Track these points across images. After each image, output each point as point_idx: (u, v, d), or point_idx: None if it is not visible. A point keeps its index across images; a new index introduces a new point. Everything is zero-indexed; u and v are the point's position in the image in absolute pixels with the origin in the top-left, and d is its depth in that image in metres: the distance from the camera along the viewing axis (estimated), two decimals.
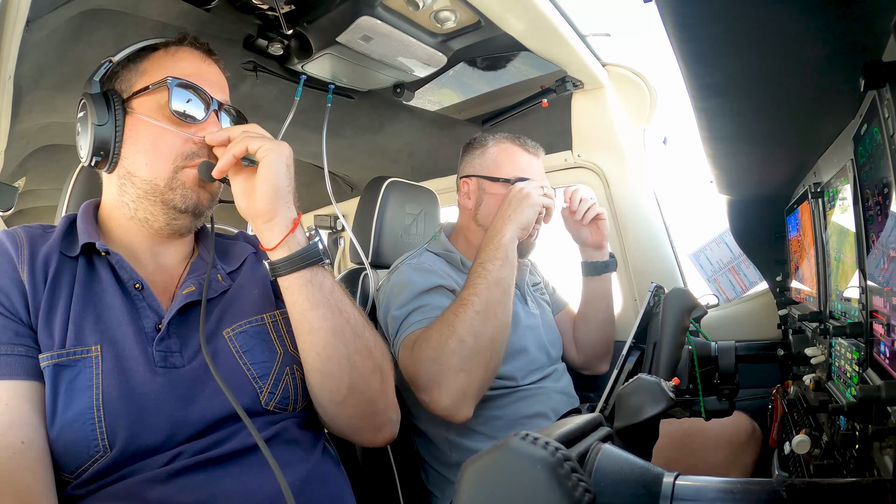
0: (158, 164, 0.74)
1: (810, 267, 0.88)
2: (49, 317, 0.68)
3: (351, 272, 1.45)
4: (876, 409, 0.50)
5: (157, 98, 0.75)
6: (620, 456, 0.36)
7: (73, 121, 0.80)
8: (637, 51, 1.47)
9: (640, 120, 1.57)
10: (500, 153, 1.32)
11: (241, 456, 0.69)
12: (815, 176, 0.86)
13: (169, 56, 0.78)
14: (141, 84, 0.76)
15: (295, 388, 0.77)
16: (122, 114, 0.74)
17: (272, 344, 0.78)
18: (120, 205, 0.77)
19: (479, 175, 1.33)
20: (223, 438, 0.69)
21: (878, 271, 0.54)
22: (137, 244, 0.78)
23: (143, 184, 0.74)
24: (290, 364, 0.78)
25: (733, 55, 0.51)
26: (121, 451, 0.64)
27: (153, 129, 0.74)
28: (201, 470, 0.66)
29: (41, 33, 0.95)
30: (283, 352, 0.78)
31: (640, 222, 1.56)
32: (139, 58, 0.78)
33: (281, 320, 0.81)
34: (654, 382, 0.66)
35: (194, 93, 0.76)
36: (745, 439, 1.28)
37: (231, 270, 0.84)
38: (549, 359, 1.34)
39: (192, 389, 0.69)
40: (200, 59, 0.80)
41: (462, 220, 1.37)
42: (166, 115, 0.74)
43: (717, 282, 1.60)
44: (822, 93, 0.60)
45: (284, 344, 0.79)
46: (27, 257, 0.70)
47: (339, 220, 2.24)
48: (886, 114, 0.47)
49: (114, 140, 0.74)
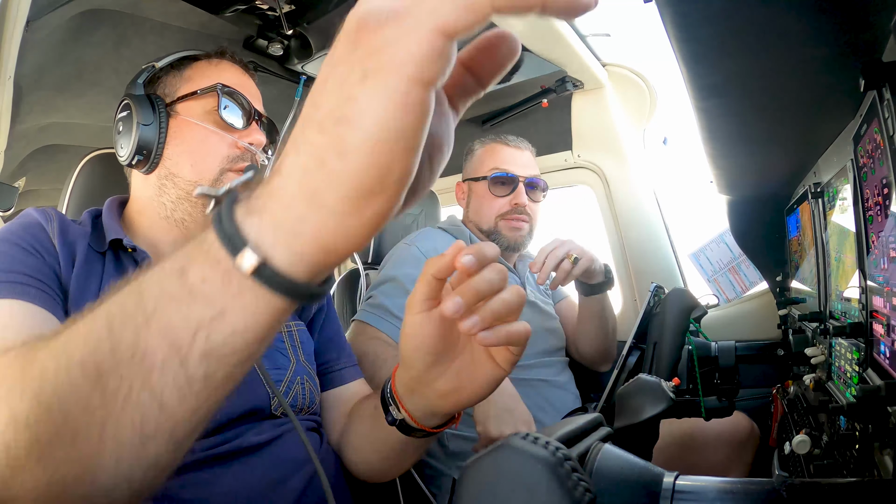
0: (204, 166, 0.76)
1: (810, 267, 0.88)
2: (78, 306, 0.67)
3: (350, 272, 1.45)
4: (876, 409, 0.50)
5: (205, 103, 0.78)
6: (620, 456, 0.36)
7: (73, 121, 0.81)
8: (637, 51, 1.48)
9: (640, 120, 1.57)
10: (484, 153, 1.39)
11: (245, 455, 0.69)
12: (815, 176, 0.86)
13: (213, 66, 0.82)
14: (186, 89, 0.79)
15: (304, 396, 0.78)
16: (167, 116, 0.77)
17: (286, 353, 0.80)
18: (157, 205, 0.78)
19: (468, 178, 1.42)
20: (230, 438, 0.70)
21: (878, 271, 0.54)
22: (165, 243, 0.79)
23: (187, 184, 0.76)
24: (301, 374, 0.79)
25: (733, 55, 0.51)
26: None
27: (200, 132, 0.77)
28: (206, 468, 0.66)
29: (41, 33, 0.95)
30: (296, 362, 0.80)
31: (640, 222, 1.56)
32: (182, 65, 0.81)
33: (296, 332, 0.83)
34: (655, 382, 0.66)
35: (239, 101, 0.79)
36: (744, 439, 1.28)
37: None
38: (547, 345, 1.34)
39: None
40: (240, 71, 0.84)
41: (462, 221, 1.45)
42: (214, 119, 0.77)
43: (717, 282, 1.59)
44: (822, 93, 0.60)
45: (297, 354, 0.81)
46: (58, 232, 0.70)
47: None
48: (886, 114, 0.47)
49: (157, 140, 0.76)
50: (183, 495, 0.63)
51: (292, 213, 0.29)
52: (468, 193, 1.42)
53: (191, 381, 0.33)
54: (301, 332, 0.84)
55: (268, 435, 0.72)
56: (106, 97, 1.24)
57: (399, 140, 0.27)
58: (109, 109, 0.81)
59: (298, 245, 0.30)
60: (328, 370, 0.87)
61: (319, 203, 0.29)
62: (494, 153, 1.37)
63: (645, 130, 1.61)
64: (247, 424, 0.71)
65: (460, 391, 0.54)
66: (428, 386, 0.55)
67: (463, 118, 1.68)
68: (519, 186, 1.33)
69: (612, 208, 1.58)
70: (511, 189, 1.33)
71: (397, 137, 0.27)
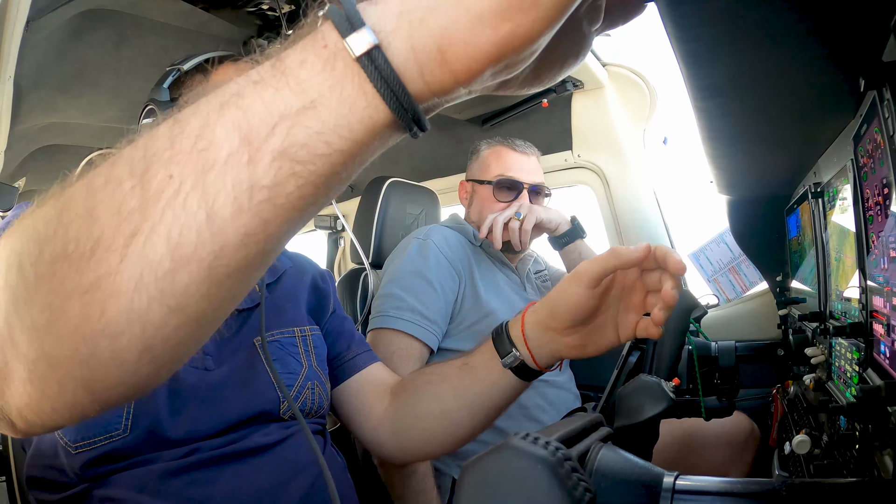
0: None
1: (810, 267, 0.88)
2: None
3: (351, 272, 1.45)
4: (876, 409, 0.50)
5: None
6: (621, 456, 0.36)
7: (73, 121, 0.80)
8: (637, 51, 1.48)
9: (640, 120, 1.57)
10: (490, 155, 1.38)
11: (251, 456, 0.69)
12: (815, 176, 0.86)
13: (239, 68, 0.80)
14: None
15: (313, 401, 0.78)
16: None
17: (299, 358, 0.80)
18: None
19: (472, 179, 1.42)
20: (236, 439, 0.70)
21: (878, 271, 0.54)
22: None
23: None
24: (312, 379, 0.79)
25: (733, 55, 0.51)
26: (140, 436, 0.64)
27: None
28: (214, 467, 0.66)
29: (41, 33, 0.95)
30: (308, 366, 0.80)
31: (640, 222, 1.56)
32: (208, 68, 0.80)
33: (310, 336, 0.83)
34: (655, 383, 0.66)
35: None
36: (745, 439, 1.28)
37: (269, 283, 0.85)
38: None
39: (219, 393, 0.71)
40: None
41: (464, 219, 1.44)
42: None
43: (717, 282, 1.59)
44: (822, 93, 0.60)
45: (310, 359, 0.81)
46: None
47: (339, 220, 2.24)
48: (886, 114, 0.47)
49: None
50: (188, 494, 0.64)
51: (424, 1, 0.27)
52: (471, 194, 1.42)
53: (253, 189, 0.27)
54: (315, 336, 0.83)
55: (275, 437, 0.72)
56: (106, 97, 1.25)
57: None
58: (109, 109, 0.81)
59: (419, 37, 0.26)
60: (341, 362, 0.87)
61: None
62: (501, 158, 1.36)
63: (645, 130, 1.61)
64: (255, 426, 0.71)
65: (584, 347, 0.65)
66: (560, 335, 0.65)
67: (463, 118, 1.67)
68: (523, 193, 1.33)
69: (612, 208, 1.58)
70: (515, 195, 1.33)
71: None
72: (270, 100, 0.27)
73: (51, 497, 0.65)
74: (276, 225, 0.29)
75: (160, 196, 0.27)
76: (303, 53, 0.28)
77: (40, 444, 0.65)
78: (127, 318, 0.28)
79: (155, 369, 0.31)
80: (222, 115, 0.28)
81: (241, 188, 0.27)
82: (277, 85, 0.27)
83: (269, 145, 0.27)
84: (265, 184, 0.27)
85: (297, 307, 0.85)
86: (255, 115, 0.27)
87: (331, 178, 0.29)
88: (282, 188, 0.28)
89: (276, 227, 0.29)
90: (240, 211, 0.27)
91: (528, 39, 0.26)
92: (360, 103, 0.27)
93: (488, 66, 0.27)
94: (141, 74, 1.17)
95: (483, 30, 0.26)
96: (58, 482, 0.65)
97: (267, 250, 0.30)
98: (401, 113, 0.28)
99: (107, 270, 0.28)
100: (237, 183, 0.27)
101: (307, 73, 0.27)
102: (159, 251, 0.27)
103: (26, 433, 0.33)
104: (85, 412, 0.31)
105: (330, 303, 0.91)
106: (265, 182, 0.27)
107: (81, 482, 0.63)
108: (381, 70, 0.26)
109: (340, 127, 0.27)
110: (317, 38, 0.28)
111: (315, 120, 0.27)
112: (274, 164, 0.27)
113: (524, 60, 0.28)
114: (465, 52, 0.26)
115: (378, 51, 0.26)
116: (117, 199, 0.28)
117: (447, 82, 0.28)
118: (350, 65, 0.27)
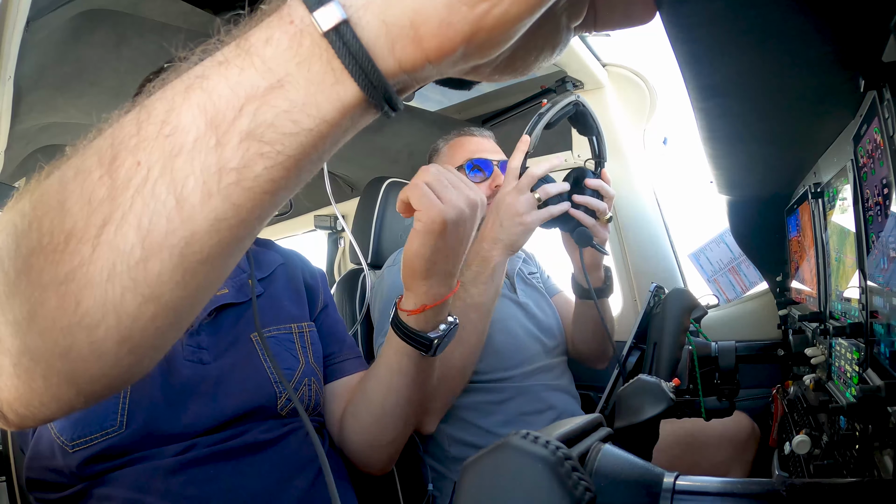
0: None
1: (810, 267, 0.88)
2: None
3: (350, 273, 1.45)
4: (876, 409, 0.50)
5: None
6: (621, 456, 0.36)
7: (73, 121, 0.80)
8: (637, 51, 1.48)
9: (640, 120, 1.57)
10: (452, 147, 1.36)
11: (251, 452, 0.69)
12: (815, 176, 0.86)
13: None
14: None
15: (310, 398, 0.78)
16: None
17: (296, 354, 0.80)
18: None
19: None
20: (235, 434, 0.70)
21: (878, 271, 0.54)
22: None
23: None
24: (309, 375, 0.79)
25: (733, 55, 0.51)
26: (136, 432, 0.64)
27: None
28: (213, 464, 0.66)
29: (41, 33, 0.95)
30: (305, 362, 0.80)
31: (640, 222, 1.56)
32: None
33: (308, 332, 0.83)
34: (655, 383, 0.66)
35: None
36: (745, 439, 1.28)
37: (261, 277, 0.85)
38: (545, 349, 1.31)
39: (216, 387, 0.71)
40: None
41: None
42: None
43: (717, 282, 1.59)
44: (822, 93, 0.60)
45: (307, 355, 0.81)
46: None
47: (338, 220, 2.24)
48: (886, 114, 0.47)
49: None
50: (188, 492, 0.63)
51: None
52: None
53: (221, 172, 0.27)
54: (312, 333, 0.84)
55: (274, 433, 0.72)
56: (106, 97, 1.24)
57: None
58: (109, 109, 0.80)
59: (392, 12, 0.26)
60: (329, 363, 0.87)
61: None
62: (463, 146, 1.34)
63: (645, 130, 1.60)
64: (252, 422, 0.71)
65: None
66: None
67: (463, 118, 1.66)
68: (495, 170, 1.30)
69: (612, 208, 1.58)
70: (488, 174, 1.30)
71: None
72: (236, 81, 0.27)
73: (51, 497, 0.65)
74: (248, 209, 0.28)
75: (128, 184, 0.27)
76: (268, 31, 0.27)
77: (38, 445, 0.65)
78: (102, 309, 0.28)
79: (136, 359, 0.31)
80: (187, 99, 0.27)
81: (209, 172, 0.27)
82: (242, 65, 0.27)
83: (235, 127, 0.27)
84: (233, 166, 0.27)
85: (293, 303, 0.84)
86: (221, 97, 0.27)
87: (301, 160, 0.28)
88: (250, 170, 0.27)
89: (248, 211, 0.28)
90: (209, 195, 0.27)
91: (504, 21, 0.26)
92: (328, 80, 0.27)
93: (461, 45, 0.26)
94: (141, 74, 1.16)
95: (459, 7, 0.25)
96: (57, 483, 0.65)
97: (240, 236, 0.29)
98: (370, 91, 0.27)
99: (80, 261, 0.28)
100: (205, 167, 0.27)
101: (272, 50, 0.27)
102: (130, 240, 0.27)
103: (19, 426, 0.34)
104: (72, 405, 0.32)
105: (318, 301, 0.91)
106: (233, 164, 0.27)
107: (80, 481, 0.63)
108: (350, 45, 0.26)
109: (309, 106, 0.27)
110: (283, 14, 0.27)
111: (282, 99, 0.27)
112: (241, 146, 0.27)
113: (499, 45, 0.28)
114: (438, 29, 0.26)
115: (346, 26, 0.26)
116: (87, 190, 0.28)
117: (418, 60, 0.27)
118: (318, 41, 0.26)
